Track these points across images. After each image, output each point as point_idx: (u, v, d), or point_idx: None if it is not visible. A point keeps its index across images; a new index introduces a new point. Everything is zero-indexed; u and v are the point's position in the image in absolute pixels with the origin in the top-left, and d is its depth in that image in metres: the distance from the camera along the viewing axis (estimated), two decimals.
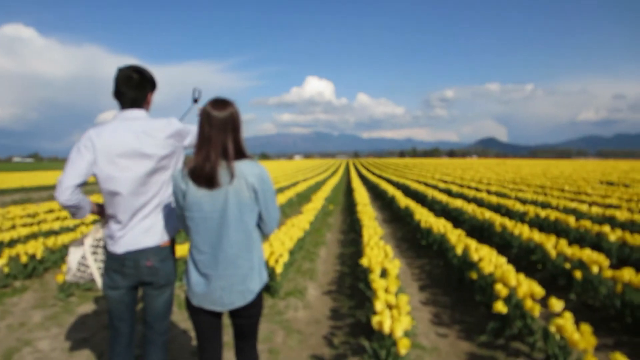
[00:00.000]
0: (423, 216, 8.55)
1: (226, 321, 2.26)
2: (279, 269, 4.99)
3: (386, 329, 3.00)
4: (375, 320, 3.08)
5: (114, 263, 2.23)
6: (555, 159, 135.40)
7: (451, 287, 5.65)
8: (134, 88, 2.21)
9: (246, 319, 2.14)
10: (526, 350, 3.62)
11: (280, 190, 18.12)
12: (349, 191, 19.34)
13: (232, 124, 1.98)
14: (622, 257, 6.08)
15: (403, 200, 11.85)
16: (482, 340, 3.93)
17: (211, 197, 1.95)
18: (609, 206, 10.18)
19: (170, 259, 2.30)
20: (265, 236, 2.17)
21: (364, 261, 4.79)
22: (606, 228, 6.59)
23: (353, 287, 5.63)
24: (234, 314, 2.12)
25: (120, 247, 2.20)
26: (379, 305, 3.33)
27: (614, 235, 6.33)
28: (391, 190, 15.50)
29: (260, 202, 2.05)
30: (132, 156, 2.14)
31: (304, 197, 17.02)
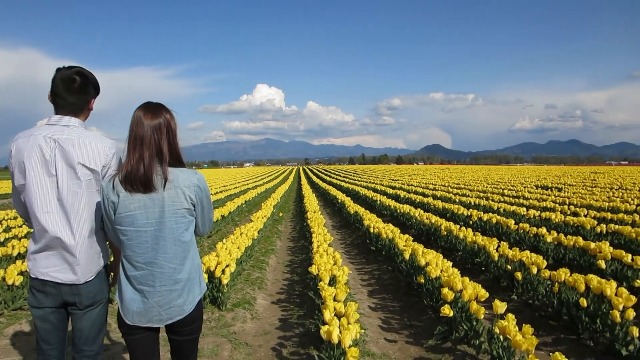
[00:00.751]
0: (372, 222, 8.63)
1: (162, 335, 2.11)
2: (225, 280, 4.84)
3: (335, 338, 2.95)
4: (323, 330, 3.02)
5: (35, 281, 2.04)
6: (495, 165, 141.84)
7: (400, 291, 5.70)
8: (74, 92, 2.01)
9: (186, 335, 2.04)
10: (472, 352, 3.69)
11: (230, 198, 17.80)
12: (299, 198, 19.29)
13: (167, 129, 1.90)
14: (557, 257, 6.39)
15: (353, 207, 11.93)
16: (430, 344, 3.97)
17: (145, 210, 1.85)
18: (545, 209, 10.71)
19: (97, 277, 2.10)
20: (198, 236, 2.09)
21: (313, 269, 4.73)
22: (543, 230, 6.91)
23: (303, 295, 5.56)
24: (173, 330, 2.00)
25: None
26: (327, 315, 3.28)
27: (550, 237, 6.64)
28: (341, 196, 15.60)
29: (197, 210, 1.99)
30: (48, 167, 1.94)
31: (254, 205, 16.80)
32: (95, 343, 2.16)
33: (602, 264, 5.23)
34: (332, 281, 4.53)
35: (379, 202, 14.30)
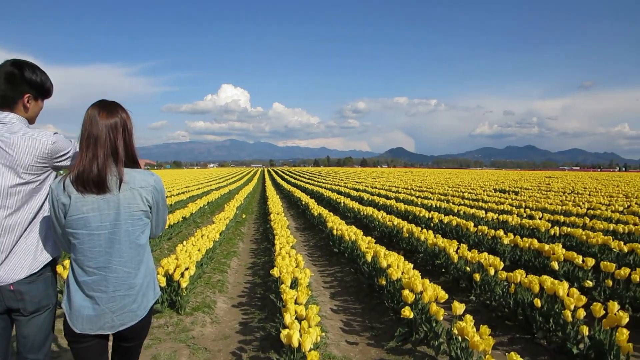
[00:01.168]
0: (335, 224, 8.64)
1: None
2: (184, 283, 4.72)
3: (295, 342, 2.91)
4: (283, 334, 2.98)
5: None
6: (456, 169, 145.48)
7: (362, 293, 5.72)
8: (4, 82, 1.90)
9: (135, 340, 1.98)
10: (431, 353, 3.74)
11: (192, 199, 17.47)
12: (263, 200, 19.14)
13: (123, 129, 1.84)
14: (514, 259, 6.58)
15: (317, 209, 11.93)
16: (391, 345, 3.99)
17: (99, 212, 1.77)
18: (503, 212, 11.03)
19: (42, 282, 1.99)
20: (151, 238, 2.04)
21: (275, 272, 4.68)
22: (500, 232, 7.10)
23: (264, 298, 5.49)
24: (122, 335, 1.92)
25: None
26: (288, 318, 3.25)
27: (507, 239, 6.84)
28: (305, 198, 15.58)
29: (153, 212, 1.94)
30: None
31: (217, 206, 16.55)
32: (42, 351, 2.05)
33: (555, 265, 5.42)
34: (294, 284, 4.49)
35: (342, 204, 14.37)
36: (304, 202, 14.76)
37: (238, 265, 7.62)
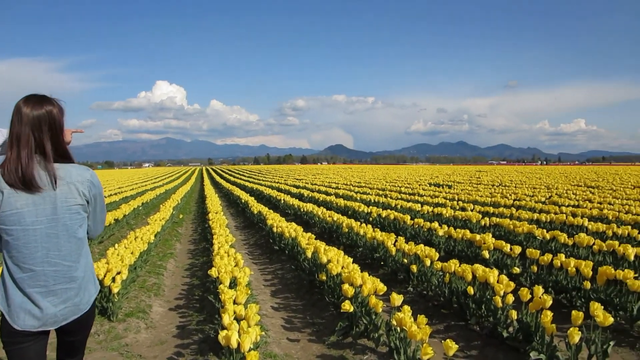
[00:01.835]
0: (275, 221, 8.57)
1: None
2: (116, 288, 4.48)
3: (234, 343, 2.84)
4: (221, 335, 2.89)
5: None
6: (393, 164, 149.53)
7: (303, 290, 5.71)
8: None
9: (79, 334, 1.97)
10: (372, 345, 3.79)
11: (125, 200, 16.70)
12: (201, 199, 18.66)
13: (51, 123, 1.78)
14: (448, 249, 6.84)
15: (256, 206, 11.79)
16: (332, 340, 4.01)
17: (35, 207, 1.73)
18: (437, 205, 11.44)
19: None
20: (90, 239, 1.96)
21: (213, 272, 4.55)
22: (435, 225, 7.36)
23: (203, 299, 5.33)
24: (64, 330, 1.87)
25: None
26: (226, 319, 3.15)
27: (441, 231, 7.10)
28: (245, 196, 15.36)
29: (90, 208, 1.91)
30: None
31: (152, 207, 15.93)
32: None
33: (486, 254, 5.68)
34: (233, 283, 4.40)
35: (282, 201, 14.31)
36: (243, 201, 14.55)
37: (175, 267, 7.36)
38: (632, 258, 5.11)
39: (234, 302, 3.64)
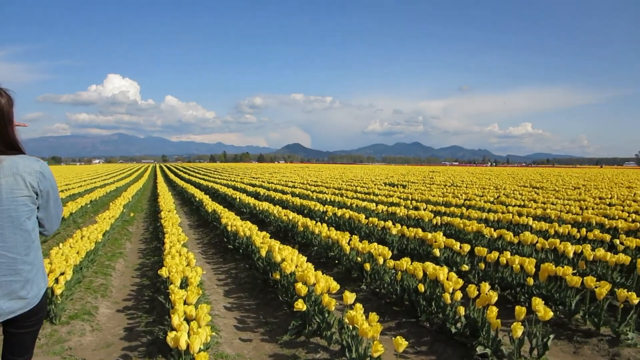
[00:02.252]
0: (230, 220, 8.46)
1: None
2: (59, 290, 4.27)
3: (182, 344, 2.77)
4: (170, 337, 2.82)
5: None
6: (350, 164, 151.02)
7: (257, 289, 5.66)
8: None
9: (28, 328, 1.89)
10: (324, 344, 3.80)
11: (73, 197, 15.99)
12: (154, 197, 18.14)
13: None
14: (401, 248, 6.98)
15: (211, 205, 11.59)
16: (285, 339, 3.99)
17: None
18: (392, 204, 11.65)
19: None
20: (46, 236, 1.90)
21: (163, 271, 4.43)
22: (389, 223, 7.48)
23: (153, 300, 5.18)
24: (13, 323, 1.82)
25: None
26: (176, 320, 3.08)
27: (395, 229, 7.22)
28: (199, 194, 15.06)
29: (42, 202, 1.86)
30: None
31: (102, 205, 15.36)
32: None
33: (437, 252, 5.83)
34: (184, 283, 4.30)
35: (238, 199, 14.14)
36: (198, 199, 14.26)
37: (124, 267, 7.12)
38: (571, 255, 5.38)
39: (185, 303, 3.56)
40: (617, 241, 6.04)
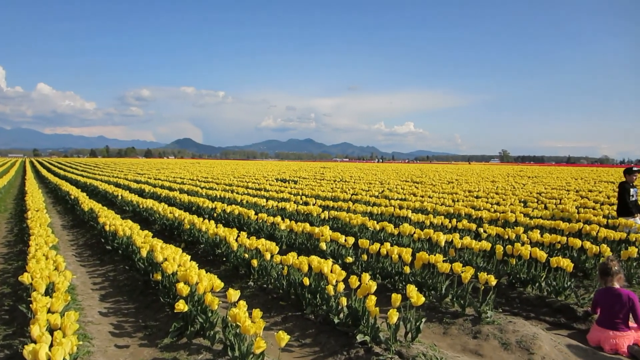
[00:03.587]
0: (109, 219, 7.86)
1: None
2: None
3: (42, 357, 2.49)
4: (27, 350, 2.52)
5: None
6: (243, 160, 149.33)
7: (137, 291, 5.33)
8: None
9: None
10: (207, 344, 3.69)
11: None
12: (22, 195, 16.23)
13: None
14: (290, 242, 7.05)
15: (88, 203, 10.68)
16: (166, 342, 3.81)
17: None
18: (282, 200, 11.75)
19: None
20: None
21: (25, 277, 3.98)
22: (278, 219, 7.53)
23: (14, 310, 4.63)
24: None
25: None
26: (36, 330, 2.77)
27: (284, 225, 7.28)
28: (75, 192, 13.80)
29: None
30: None
31: None
32: None
33: (324, 246, 5.99)
34: (51, 290, 3.90)
35: (120, 197, 13.22)
36: (73, 197, 13.06)
37: None
38: (443, 244, 5.87)
39: (49, 311, 3.22)
40: (481, 230, 6.73)
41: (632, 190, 7.08)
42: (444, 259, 4.92)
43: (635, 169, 7.34)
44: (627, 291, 3.92)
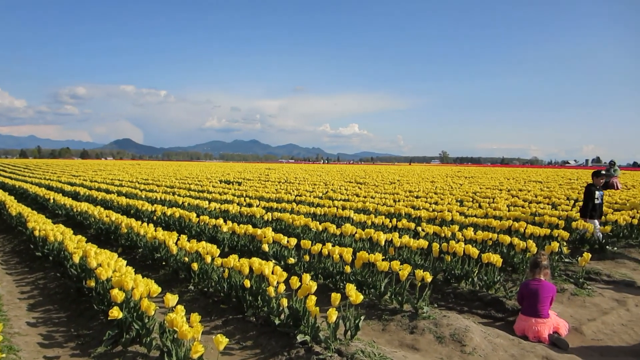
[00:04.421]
0: (39, 223, 7.42)
1: None
2: None
3: None
4: None
5: None
6: (186, 161, 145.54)
7: (69, 299, 5.09)
8: None
9: None
10: (144, 351, 3.59)
11: None
12: None
13: None
14: (232, 245, 6.98)
15: (16, 207, 10.03)
16: (100, 351, 3.67)
17: None
18: (225, 202, 11.59)
19: None
20: None
21: None
22: (220, 221, 7.43)
23: None
24: None
25: None
26: None
27: (226, 227, 7.20)
28: (2, 195, 12.91)
29: None
30: None
31: None
32: None
33: (266, 247, 5.98)
34: None
35: (52, 200, 12.50)
36: None
37: None
38: (383, 243, 6.04)
39: None
40: (420, 228, 6.97)
41: (597, 193, 7.27)
42: (383, 257, 5.06)
43: (602, 172, 7.58)
44: (548, 282, 4.27)
